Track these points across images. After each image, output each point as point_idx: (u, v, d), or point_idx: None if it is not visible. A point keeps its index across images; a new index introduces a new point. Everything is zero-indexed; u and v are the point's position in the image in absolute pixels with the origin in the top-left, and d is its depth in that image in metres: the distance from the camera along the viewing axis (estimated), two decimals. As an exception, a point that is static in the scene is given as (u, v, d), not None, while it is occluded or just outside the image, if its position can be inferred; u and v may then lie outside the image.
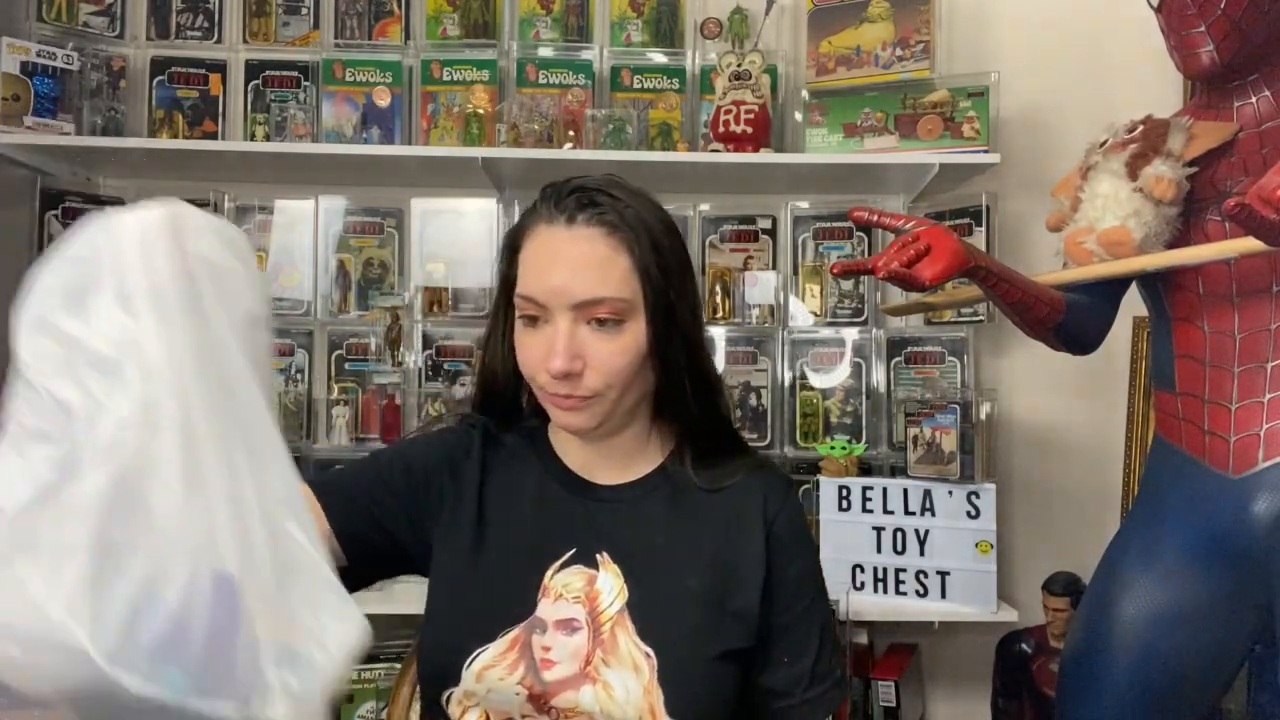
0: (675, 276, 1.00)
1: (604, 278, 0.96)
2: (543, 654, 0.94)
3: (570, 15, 2.11)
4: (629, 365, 0.97)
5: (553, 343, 0.95)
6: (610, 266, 0.96)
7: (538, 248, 0.99)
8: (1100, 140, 1.50)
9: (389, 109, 2.03)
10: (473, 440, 1.06)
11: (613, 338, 0.96)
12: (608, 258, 0.97)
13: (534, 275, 0.98)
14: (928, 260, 1.24)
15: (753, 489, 1.05)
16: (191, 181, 2.08)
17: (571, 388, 0.95)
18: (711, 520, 1.02)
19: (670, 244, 1.01)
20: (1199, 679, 1.38)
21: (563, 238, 0.98)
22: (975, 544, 1.79)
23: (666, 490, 1.04)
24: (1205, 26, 1.34)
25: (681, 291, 1.01)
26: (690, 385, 1.02)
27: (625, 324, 0.97)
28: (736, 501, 1.04)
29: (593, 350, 0.95)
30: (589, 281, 0.95)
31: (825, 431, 2.06)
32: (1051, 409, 2.09)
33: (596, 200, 0.98)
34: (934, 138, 1.89)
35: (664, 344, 0.98)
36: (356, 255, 2.10)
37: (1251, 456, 1.33)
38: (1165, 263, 1.37)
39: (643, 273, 0.97)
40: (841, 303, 2.10)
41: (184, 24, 2.09)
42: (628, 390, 0.98)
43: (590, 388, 0.96)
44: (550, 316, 0.96)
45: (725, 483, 1.04)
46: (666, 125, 2.06)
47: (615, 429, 1.03)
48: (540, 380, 0.97)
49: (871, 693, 1.89)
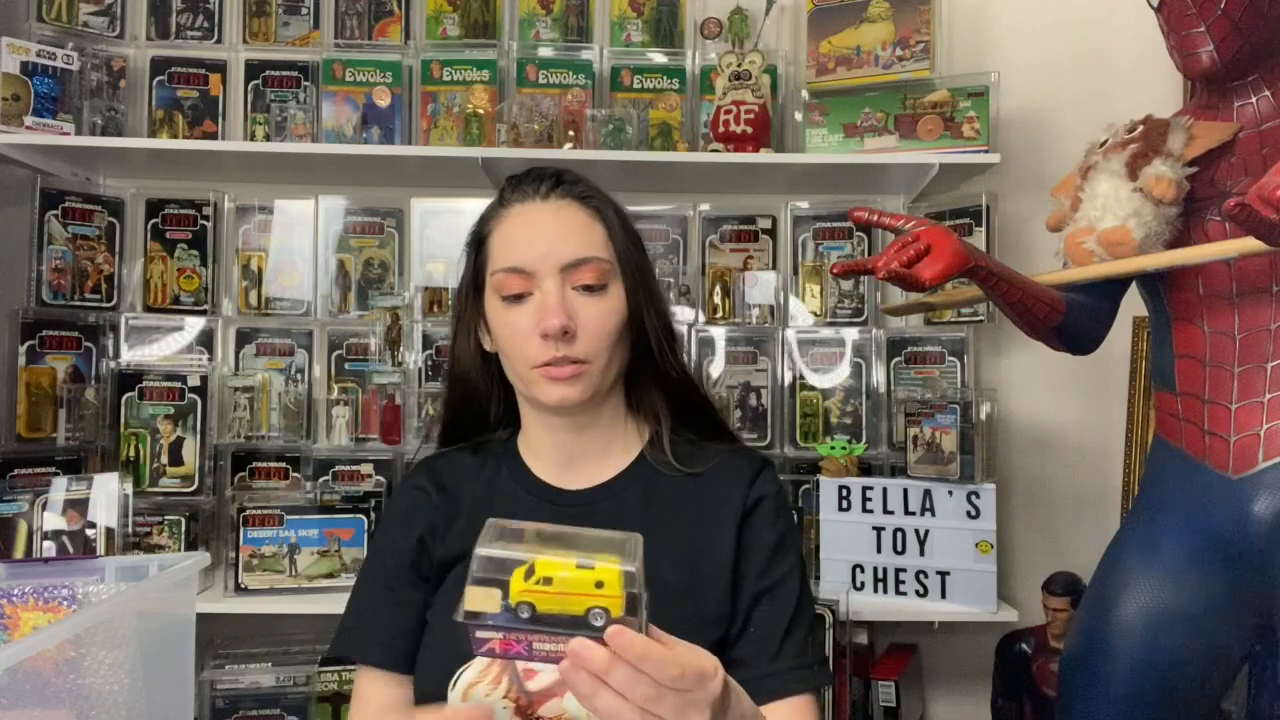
0: (641, 248, 1.06)
1: (588, 240, 1.01)
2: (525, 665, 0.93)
3: (570, 15, 2.11)
4: (616, 328, 1.00)
5: (545, 304, 0.97)
6: (590, 231, 1.02)
7: (514, 224, 1.03)
8: (1100, 140, 1.50)
9: (389, 109, 2.03)
10: (428, 494, 1.07)
11: (598, 301, 0.99)
12: (586, 224, 1.02)
13: (517, 246, 1.01)
14: (928, 260, 1.24)
15: (730, 470, 1.05)
16: (191, 181, 2.08)
17: (566, 348, 0.97)
18: (688, 505, 1.03)
19: (632, 226, 1.07)
20: (1199, 679, 1.38)
21: (540, 209, 1.02)
22: (975, 544, 1.79)
23: (639, 488, 1.04)
24: (1205, 26, 1.34)
25: (648, 262, 1.07)
26: (668, 348, 1.05)
27: (608, 287, 1.01)
28: (715, 484, 1.04)
29: (583, 314, 0.98)
30: (575, 243, 1.00)
31: (825, 431, 2.06)
32: (1051, 409, 2.09)
33: (564, 179, 1.05)
34: (934, 138, 1.89)
35: (643, 308, 1.03)
36: (356, 255, 2.10)
37: (1251, 456, 1.33)
38: (1165, 263, 1.37)
39: (617, 240, 1.03)
40: (841, 303, 2.10)
41: (184, 24, 2.09)
42: (611, 361, 1.01)
43: (582, 352, 0.98)
44: (538, 283, 0.98)
45: (703, 467, 1.05)
46: (666, 125, 2.06)
47: (594, 413, 1.04)
48: (531, 351, 0.98)
49: (871, 693, 1.89)
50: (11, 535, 1.69)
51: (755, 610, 0.99)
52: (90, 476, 1.75)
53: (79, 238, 2.01)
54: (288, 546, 1.81)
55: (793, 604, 1.01)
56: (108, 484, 1.72)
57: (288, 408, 2.03)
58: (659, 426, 1.08)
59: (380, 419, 2.03)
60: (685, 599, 0.97)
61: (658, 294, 1.07)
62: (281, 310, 2.08)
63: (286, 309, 2.09)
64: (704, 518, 1.02)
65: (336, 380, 2.07)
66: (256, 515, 1.81)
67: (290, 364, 2.07)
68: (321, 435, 2.04)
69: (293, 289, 2.09)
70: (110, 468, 1.90)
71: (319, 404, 2.05)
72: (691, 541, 1.00)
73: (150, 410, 1.96)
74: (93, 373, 2.00)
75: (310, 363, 2.07)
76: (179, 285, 2.07)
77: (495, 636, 0.66)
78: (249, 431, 2.00)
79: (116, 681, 0.82)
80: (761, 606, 0.99)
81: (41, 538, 1.68)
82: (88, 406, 1.96)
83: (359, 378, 2.07)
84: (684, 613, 0.95)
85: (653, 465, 1.05)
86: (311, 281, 2.08)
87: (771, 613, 0.99)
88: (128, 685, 0.83)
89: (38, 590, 0.88)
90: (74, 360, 1.99)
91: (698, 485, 1.04)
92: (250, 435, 2.01)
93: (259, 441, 2.01)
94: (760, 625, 0.99)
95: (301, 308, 2.09)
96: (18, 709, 0.73)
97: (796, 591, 1.02)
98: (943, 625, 1.90)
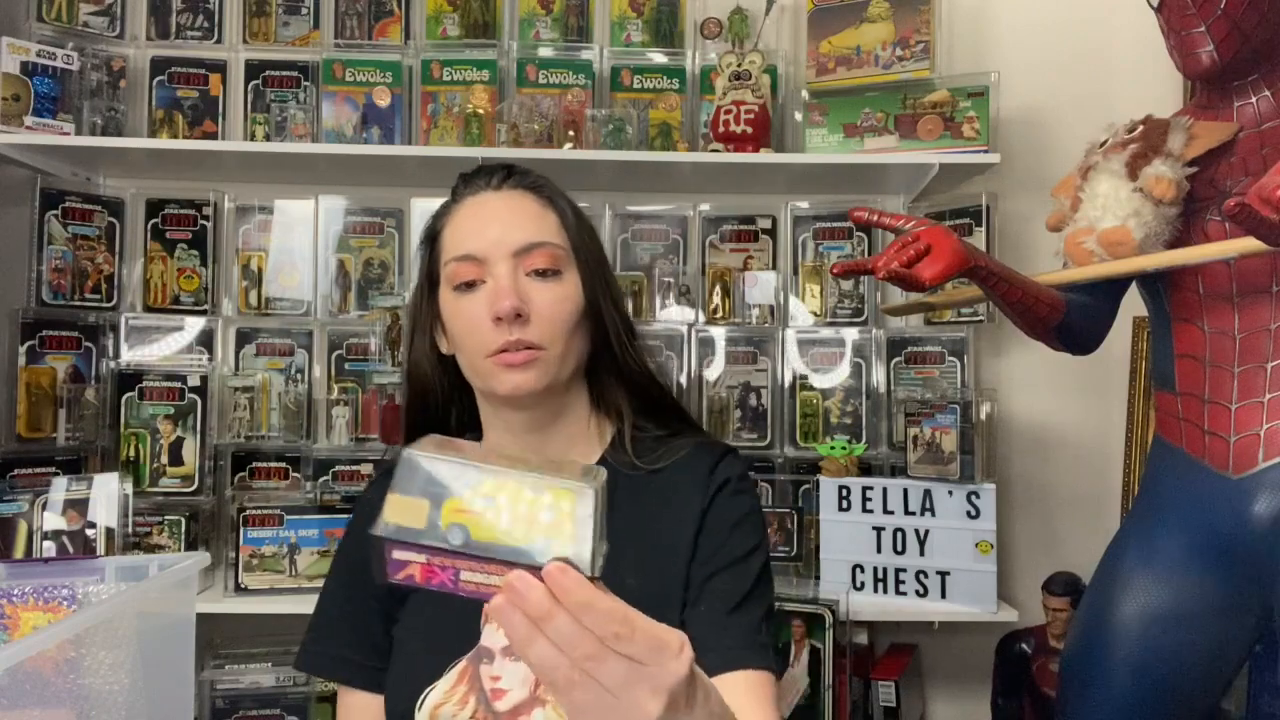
0: (597, 241, 1.06)
1: (539, 226, 1.01)
2: (492, 684, 0.91)
3: (570, 15, 2.11)
4: (570, 315, 0.99)
5: (497, 289, 0.96)
6: (543, 219, 1.02)
7: (466, 215, 1.03)
8: (1100, 140, 1.50)
9: (389, 109, 2.03)
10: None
11: (553, 286, 0.99)
12: (540, 213, 1.02)
13: (468, 235, 1.00)
14: (928, 260, 1.25)
15: (691, 464, 1.03)
16: (191, 181, 2.08)
17: (520, 332, 0.96)
18: (650, 505, 1.00)
19: (586, 219, 1.07)
20: (1199, 679, 1.38)
21: (493, 198, 1.03)
22: (975, 544, 1.79)
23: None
24: (1205, 26, 1.34)
25: (604, 255, 1.07)
26: (627, 340, 1.04)
27: (563, 274, 1.00)
28: (676, 481, 1.02)
29: (536, 298, 0.97)
30: (527, 229, 1.00)
31: (825, 431, 2.06)
32: (1051, 409, 2.09)
33: (515, 170, 1.05)
34: (934, 138, 1.89)
35: (600, 299, 1.02)
36: (356, 255, 2.10)
37: (1251, 456, 1.33)
38: (1165, 263, 1.37)
39: (571, 229, 1.03)
40: (841, 303, 2.10)
41: (184, 24, 2.09)
42: (569, 351, 1.00)
43: (536, 336, 0.96)
44: (490, 270, 0.98)
45: (666, 463, 1.03)
46: (666, 125, 2.06)
47: (554, 412, 1.03)
48: (485, 339, 0.97)
49: (871, 693, 1.89)
50: (11, 535, 1.69)
51: (709, 584, 0.95)
52: (90, 476, 1.75)
53: (79, 238, 2.01)
54: (288, 546, 1.81)
55: (749, 583, 0.96)
56: (108, 484, 1.72)
57: (288, 408, 2.03)
58: (622, 425, 1.05)
59: (380, 419, 2.03)
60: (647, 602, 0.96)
61: (615, 287, 1.06)
62: (281, 310, 2.08)
63: (286, 309, 2.08)
64: (665, 517, 0.99)
65: (336, 380, 2.07)
66: (256, 515, 1.81)
67: (290, 364, 2.07)
68: (321, 435, 2.04)
69: (293, 289, 2.09)
70: (110, 468, 1.90)
71: (319, 404, 2.05)
72: (653, 542, 0.98)
73: (150, 410, 1.96)
74: (93, 373, 2.00)
75: (310, 363, 2.07)
76: (179, 285, 2.07)
77: (417, 560, 0.55)
78: (249, 431, 2.00)
79: (116, 681, 0.82)
80: (715, 582, 0.95)
81: (41, 538, 1.68)
82: (88, 406, 1.96)
83: (359, 378, 2.06)
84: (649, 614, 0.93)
85: (615, 467, 1.01)
86: (311, 281, 2.08)
87: (726, 590, 0.95)
88: (128, 685, 0.83)
89: (38, 590, 0.88)
90: (74, 360, 1.99)
91: (659, 482, 1.01)
92: (250, 435, 2.00)
93: (259, 441, 2.01)
94: (712, 599, 0.95)
95: (301, 308, 2.09)
96: (18, 709, 0.73)
97: (755, 572, 0.98)
98: (943, 625, 1.90)
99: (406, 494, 0.55)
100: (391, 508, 0.55)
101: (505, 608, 0.55)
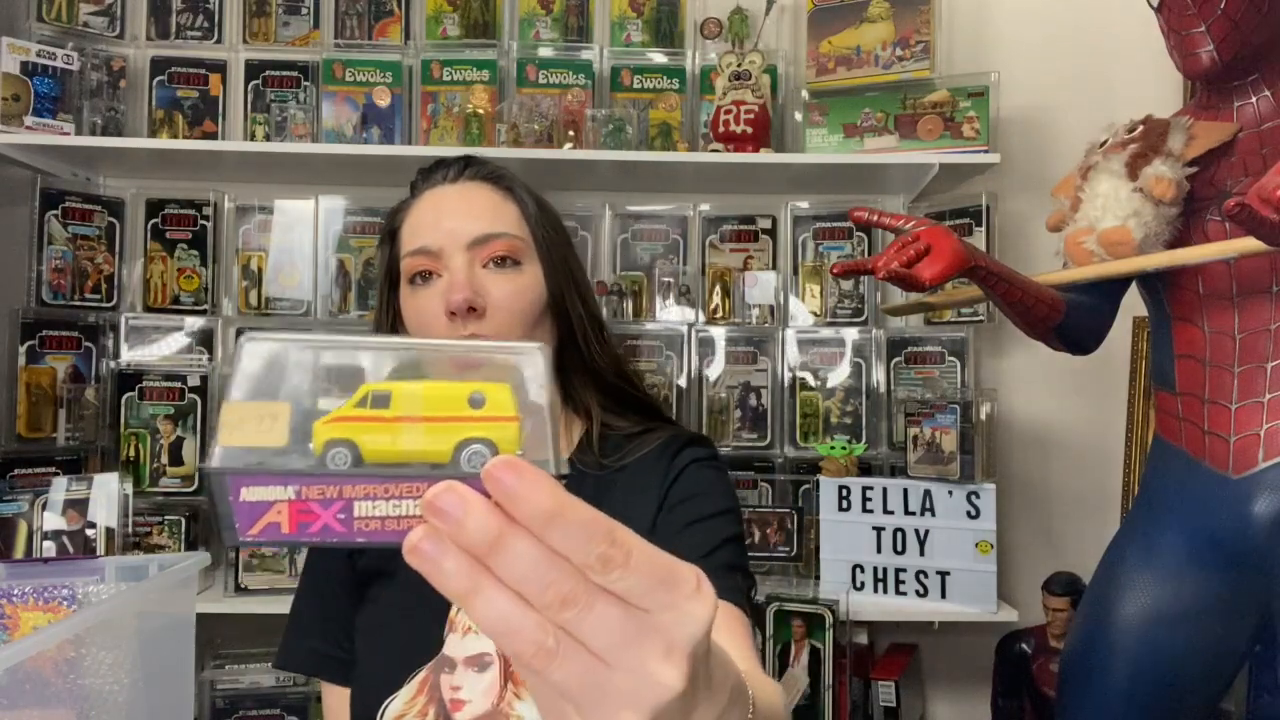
0: (562, 234, 1.02)
1: (496, 217, 0.97)
2: (452, 694, 0.88)
3: (570, 15, 2.11)
4: (529, 308, 0.96)
5: (450, 283, 0.93)
6: (501, 210, 0.99)
7: (424, 209, 1.00)
8: (1100, 140, 1.50)
9: (389, 109, 2.03)
10: None
11: (511, 277, 0.95)
12: (498, 204, 0.99)
13: (424, 228, 0.98)
14: (928, 260, 1.25)
15: (660, 450, 0.99)
16: (191, 181, 2.08)
17: (475, 326, 0.92)
18: (616, 498, 0.95)
19: (551, 212, 1.03)
20: (1199, 679, 1.38)
21: (450, 191, 1.00)
22: (975, 544, 1.79)
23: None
24: (1205, 26, 1.34)
25: (570, 249, 1.03)
26: (594, 336, 1.01)
27: (523, 265, 0.97)
28: (643, 469, 0.98)
29: (493, 289, 0.94)
30: (483, 220, 0.96)
31: (825, 431, 2.06)
32: (1051, 409, 2.09)
33: (473, 162, 1.02)
34: (934, 138, 1.89)
35: (565, 293, 0.99)
36: (356, 255, 2.10)
37: (1251, 456, 1.33)
38: (1165, 263, 1.37)
39: (532, 220, 0.99)
40: (841, 303, 2.10)
41: (184, 24, 2.09)
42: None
43: (491, 330, 0.93)
44: (445, 264, 0.95)
45: (632, 458, 0.99)
46: (666, 125, 2.06)
47: None
48: (438, 333, 0.93)
49: (871, 693, 1.89)
50: (11, 535, 1.69)
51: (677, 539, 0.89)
52: (90, 476, 1.75)
53: (79, 238, 2.01)
54: (288, 546, 1.81)
55: (717, 539, 0.90)
56: (108, 484, 1.72)
57: (288, 408, 2.03)
58: (590, 424, 1.02)
59: (380, 419, 2.02)
60: None
61: (583, 281, 1.03)
62: (281, 310, 2.08)
63: (286, 309, 2.08)
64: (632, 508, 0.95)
65: (336, 380, 2.06)
66: (256, 515, 1.81)
67: (290, 364, 2.06)
68: (321, 435, 2.03)
69: (293, 289, 2.09)
70: (110, 468, 1.90)
71: (319, 404, 2.05)
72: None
73: (150, 410, 1.96)
74: (93, 373, 2.00)
75: (310, 363, 2.07)
76: (179, 285, 2.07)
77: (280, 499, 0.35)
78: (249, 431, 2.00)
79: (116, 681, 0.82)
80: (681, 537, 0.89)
81: (41, 538, 1.68)
82: (88, 406, 1.96)
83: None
84: None
85: (581, 469, 0.98)
86: (311, 281, 2.08)
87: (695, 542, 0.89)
88: (128, 685, 0.83)
89: (38, 590, 0.88)
90: (74, 360, 1.99)
91: (625, 479, 0.98)
92: (250, 435, 2.00)
93: (259, 441, 2.01)
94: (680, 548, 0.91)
95: (301, 308, 2.08)
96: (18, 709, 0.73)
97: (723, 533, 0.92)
98: (943, 625, 1.90)
99: (252, 398, 0.36)
100: (229, 427, 0.36)
101: (430, 543, 0.35)
